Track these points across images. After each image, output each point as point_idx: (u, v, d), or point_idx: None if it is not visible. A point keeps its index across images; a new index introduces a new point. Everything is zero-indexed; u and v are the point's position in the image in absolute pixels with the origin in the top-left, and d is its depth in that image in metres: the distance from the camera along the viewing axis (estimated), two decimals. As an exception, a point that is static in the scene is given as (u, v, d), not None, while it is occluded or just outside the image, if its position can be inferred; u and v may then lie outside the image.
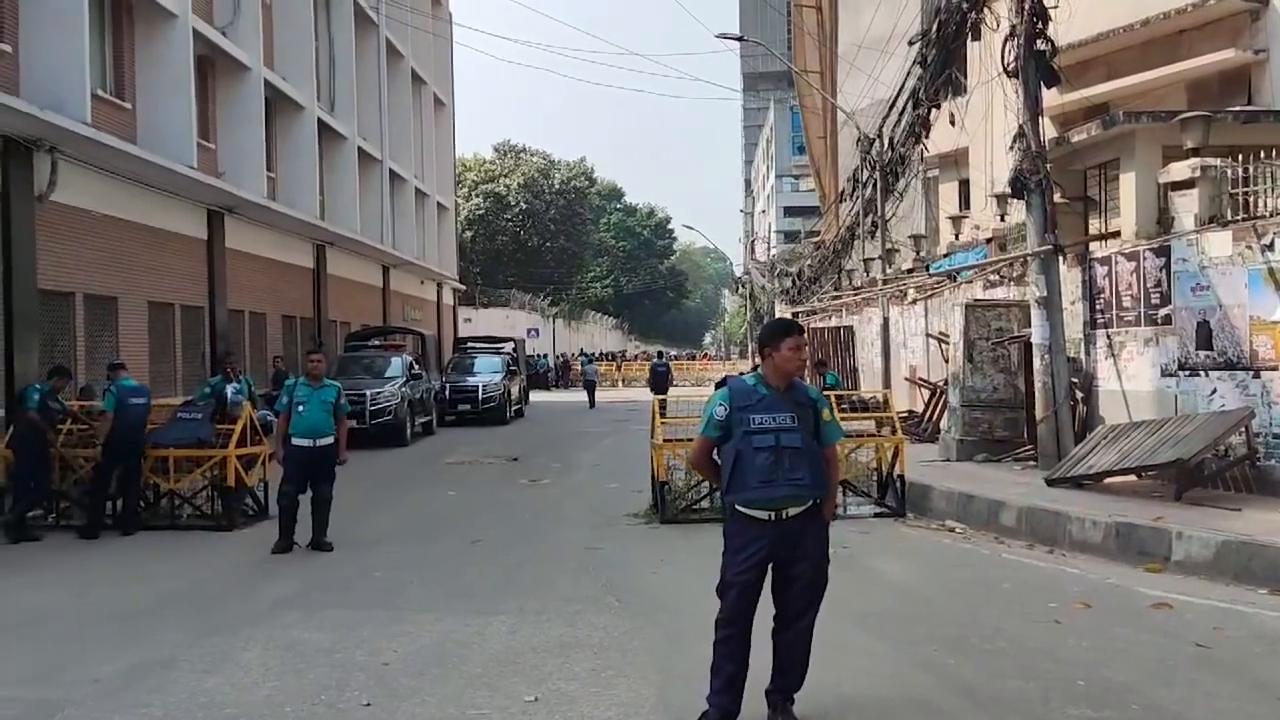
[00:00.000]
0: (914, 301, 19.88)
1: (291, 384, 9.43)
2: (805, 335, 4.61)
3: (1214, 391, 10.40)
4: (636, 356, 76.35)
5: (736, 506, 4.45)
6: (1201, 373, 10.56)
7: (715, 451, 4.56)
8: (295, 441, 9.16)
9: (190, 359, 18.86)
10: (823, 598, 4.57)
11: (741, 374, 4.90)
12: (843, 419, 11.61)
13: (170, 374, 18.04)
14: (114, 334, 16.19)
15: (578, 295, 77.56)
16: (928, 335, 18.14)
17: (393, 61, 32.06)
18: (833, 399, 11.40)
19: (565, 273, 69.81)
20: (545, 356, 49.96)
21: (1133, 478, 10.29)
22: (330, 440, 9.23)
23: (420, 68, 35.05)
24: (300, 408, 9.15)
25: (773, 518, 4.40)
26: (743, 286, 54.30)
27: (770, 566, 4.50)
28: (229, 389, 14.17)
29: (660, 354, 32.71)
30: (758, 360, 4.70)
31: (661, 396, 13.16)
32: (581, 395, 36.34)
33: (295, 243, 24.19)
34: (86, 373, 14.55)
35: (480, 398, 25.34)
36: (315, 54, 24.97)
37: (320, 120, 25.12)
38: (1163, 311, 11.16)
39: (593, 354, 59.11)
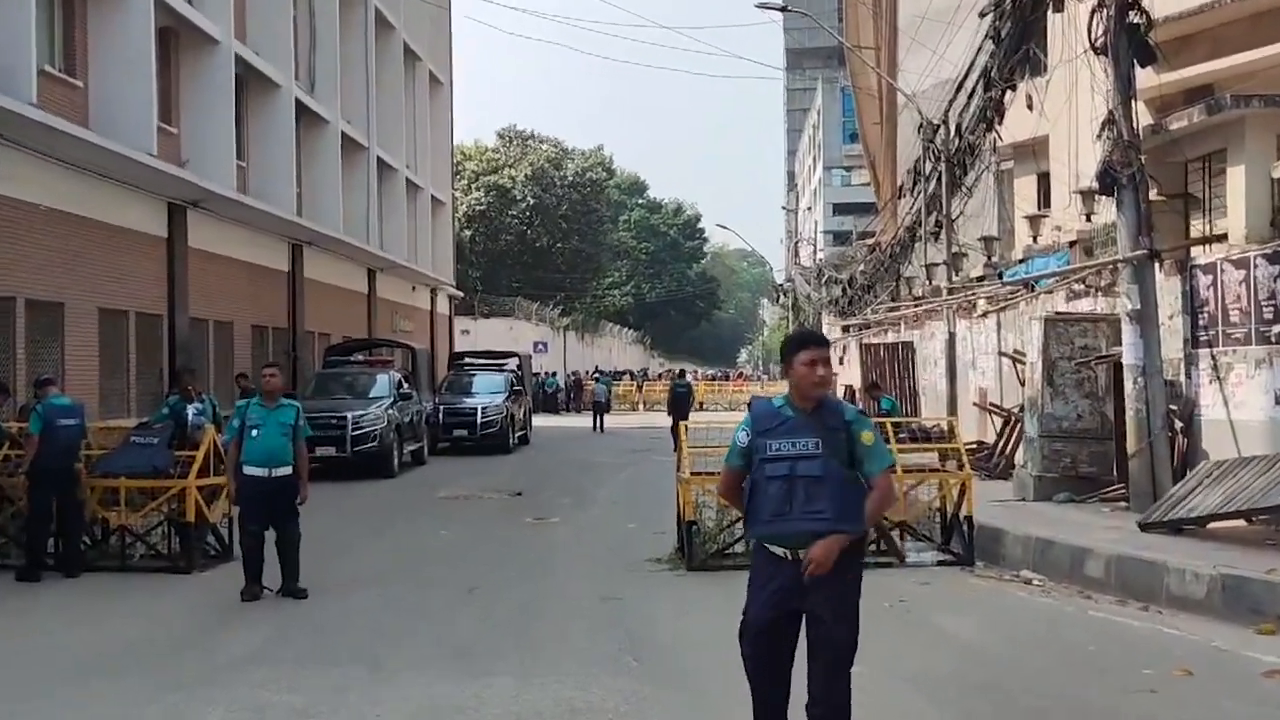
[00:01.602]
0: (984, 314, 19.80)
1: (243, 405, 9.40)
2: (828, 348, 4.56)
3: (1338, 422, 10.33)
4: (660, 375, 76.44)
5: (759, 539, 4.50)
6: (1324, 400, 10.51)
7: (745, 481, 4.61)
8: (248, 471, 9.11)
9: (146, 375, 19.02)
10: (850, 664, 4.39)
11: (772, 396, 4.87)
12: (900, 451, 11.59)
13: (123, 391, 18.18)
14: (59, 345, 16.35)
15: (593, 304, 77.96)
16: (1000, 354, 18.06)
17: (382, 34, 32.35)
18: (888, 426, 11.38)
19: (579, 278, 70.24)
20: (554, 375, 50.14)
21: (1241, 523, 10.18)
22: (289, 470, 9.20)
23: (414, 41, 35.36)
24: (254, 432, 9.10)
25: (789, 556, 4.38)
26: (784, 295, 54.32)
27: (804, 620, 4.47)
28: (189, 410, 14.24)
29: (680, 373, 32.66)
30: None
31: (683, 422, 13.14)
32: (607, 419, 36.43)
33: (268, 242, 24.40)
34: (28, 390, 14.67)
35: (479, 422, 25.45)
36: (293, 25, 25.26)
37: (298, 101, 25.38)
38: (1277, 329, 11.08)
39: (609, 372, 59.42)
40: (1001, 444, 16.30)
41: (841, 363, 43.19)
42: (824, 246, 72.67)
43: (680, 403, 27.38)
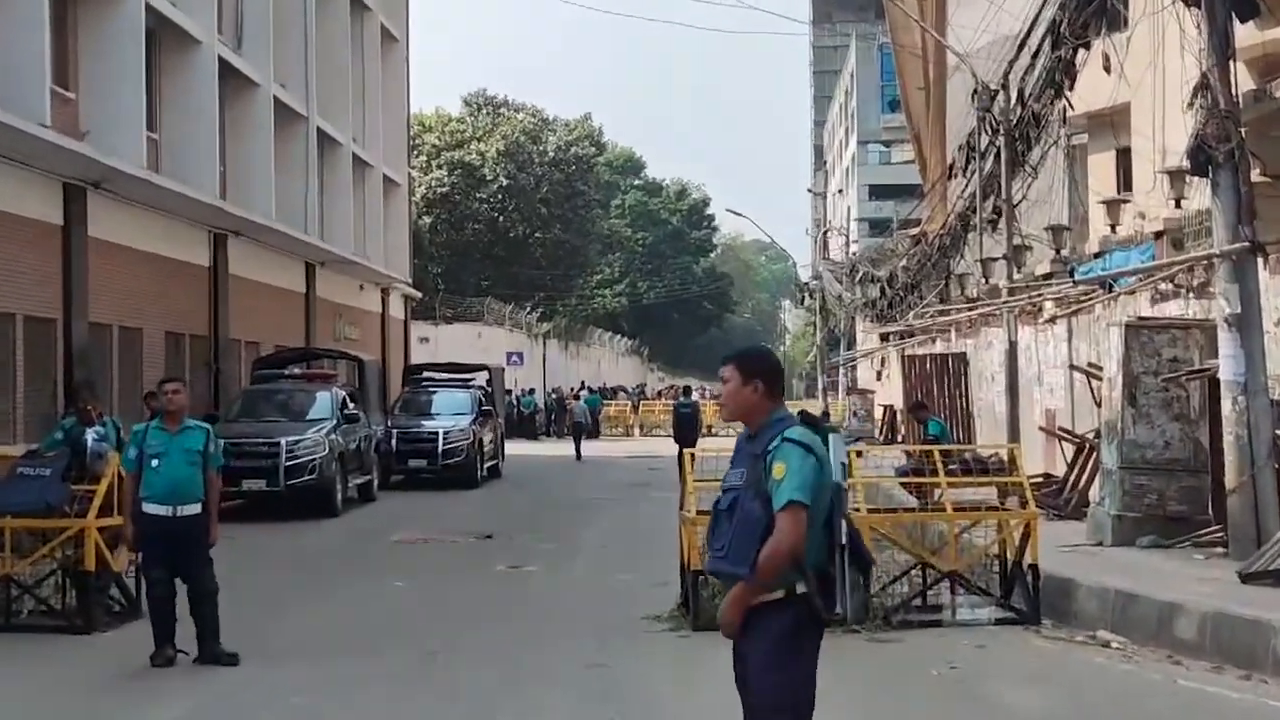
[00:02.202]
0: (1052, 320, 19.84)
1: (141, 429, 9.34)
2: (731, 364, 4.89)
3: None
4: (661, 393, 76.30)
5: None
6: None
7: None
8: (149, 509, 9.08)
9: (36, 392, 18.99)
10: None
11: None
12: (950, 485, 11.61)
13: (7, 412, 18.16)
14: (-68, 357, 16.33)
15: (579, 307, 78.06)
16: (1072, 367, 18.09)
17: (324, -20, 32.44)
18: (936, 456, 11.39)
19: (562, 275, 70.44)
20: (532, 392, 50.20)
21: (1364, 573, 10.21)
22: (198, 508, 9.15)
23: (362, -11, 35.50)
24: (154, 462, 9.07)
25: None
26: (811, 296, 54.43)
27: None
28: (89, 435, 14.20)
29: (686, 390, 32.75)
30: (828, 400, 4.79)
31: (689, 450, 13.12)
32: (588, 447, 36.42)
33: (185, 231, 24.42)
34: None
35: (440, 450, 25.52)
36: (217, -31, 25.31)
37: (222, 60, 25.43)
38: (1406, 337, 11.10)
39: (598, 389, 59.42)
40: (1073, 477, 16.32)
41: (879, 378, 43.38)
42: (858, 237, 72.91)
43: (685, 426, 27.34)
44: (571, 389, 53.70)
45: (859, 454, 12.42)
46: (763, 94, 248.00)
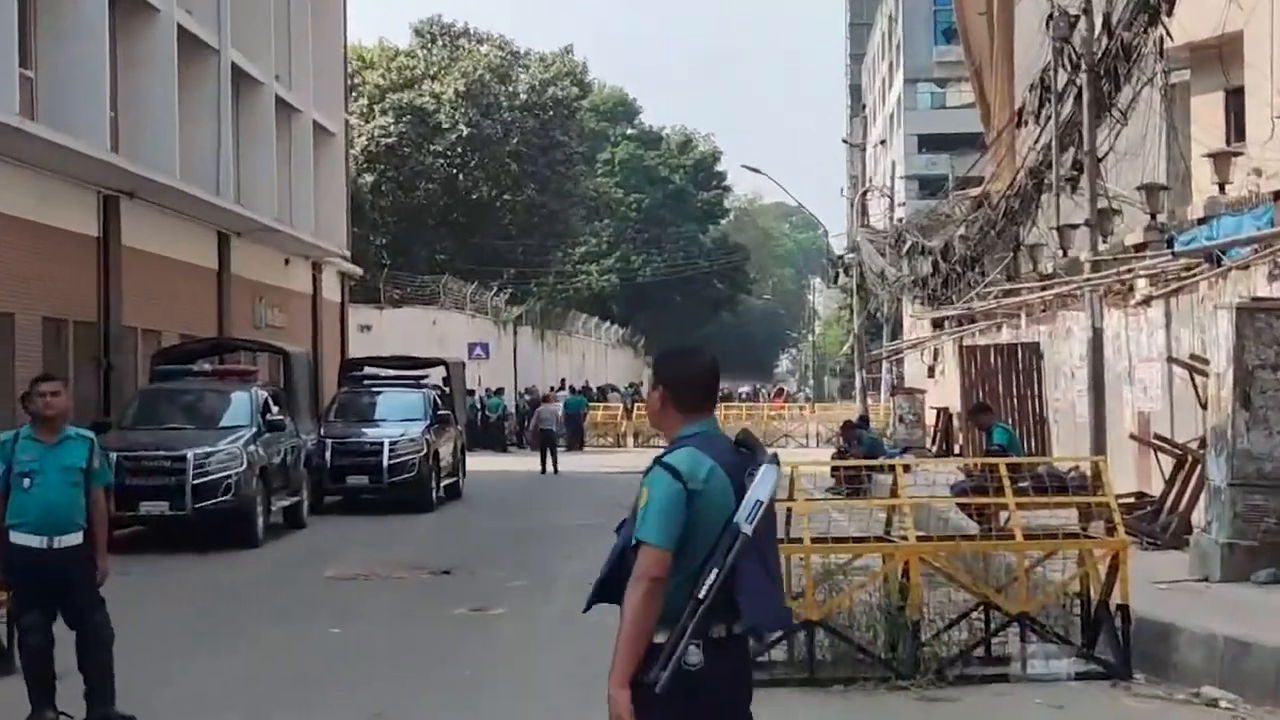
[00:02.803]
0: (1146, 301, 19.85)
1: (8, 439, 9.29)
2: (653, 368, 5.21)
3: None
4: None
5: None
6: None
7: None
8: (18, 539, 9.08)
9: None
10: None
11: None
12: (1019, 507, 11.60)
13: None
14: None
15: (558, 287, 77.89)
16: (1170, 360, 18.09)
17: (240, -121, 32.38)
18: (1002, 471, 11.39)
19: (536, 247, 70.40)
20: (500, 392, 50.21)
21: None
22: (79, 537, 9.14)
23: (287, -110, 35.44)
24: (26, 481, 9.09)
25: None
26: (846, 273, 54.33)
27: None
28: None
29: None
30: (868, 403, 4.85)
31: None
32: (570, 460, 36.40)
33: (67, 192, 24.37)
34: None
35: (385, 464, 25.56)
36: None
37: (113, -20, 25.36)
38: None
39: (583, 388, 59.38)
40: (1172, 497, 16.32)
41: (931, 375, 43.38)
42: (905, 199, 72.81)
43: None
44: (551, 388, 53.78)
45: (906, 469, 12.43)
46: (784, 22, 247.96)
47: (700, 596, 4.71)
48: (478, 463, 34.70)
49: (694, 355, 5.23)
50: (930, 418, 36.05)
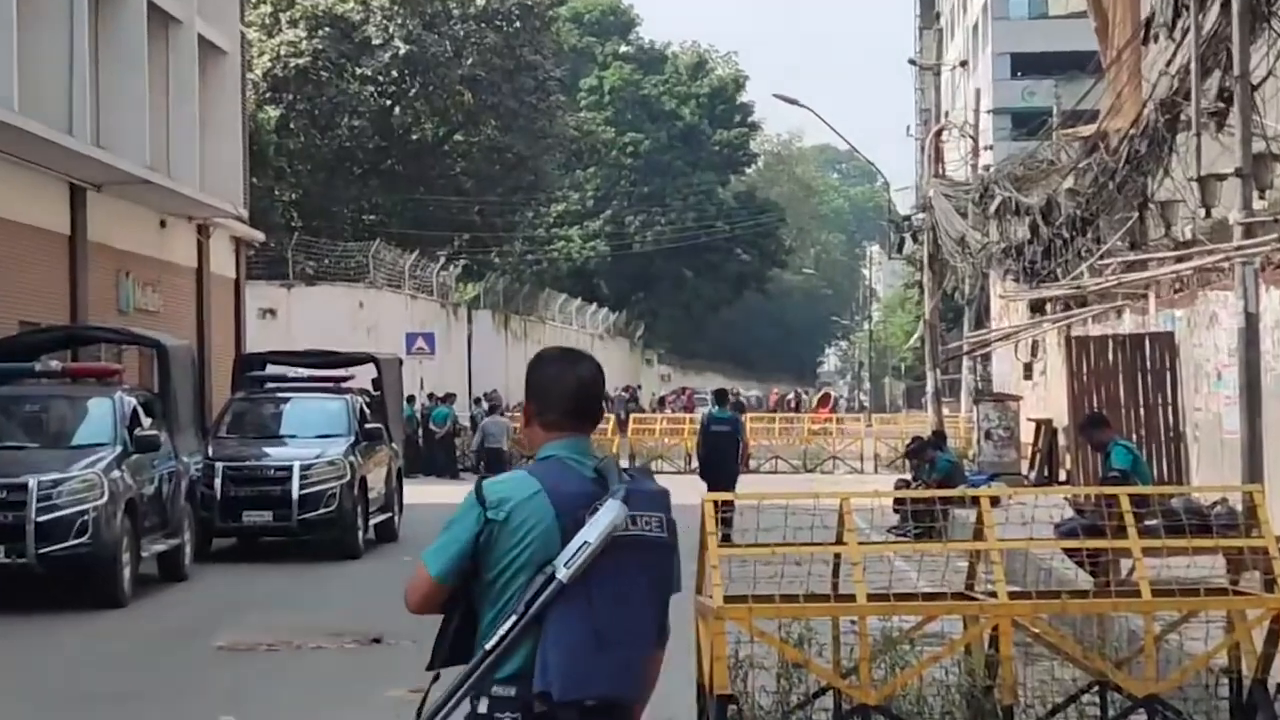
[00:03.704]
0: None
1: None
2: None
3: None
4: (665, 400, 76.08)
5: None
6: None
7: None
8: None
9: None
10: None
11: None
12: (1152, 552, 11.54)
13: None
14: None
15: (528, 258, 77.79)
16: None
17: None
18: (1123, 505, 11.32)
19: (499, 205, 70.19)
20: (449, 399, 50.05)
21: None
22: None
23: None
24: None
25: None
26: (915, 239, 54.22)
27: None
28: None
29: (720, 396, 32.47)
30: (942, 413, 4.82)
31: (723, 496, 13.07)
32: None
33: None
34: None
35: (295, 496, 25.55)
36: None
37: None
38: None
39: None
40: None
41: (1029, 376, 43.32)
42: (993, 141, 72.73)
43: (719, 455, 27.40)
44: (483, 396, 53.60)
45: (995, 502, 12.37)
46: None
47: (488, 647, 5.18)
48: (420, 492, 34.58)
49: (566, 364, 5.66)
50: (1027, 433, 36.01)
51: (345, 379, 30.00)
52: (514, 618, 5.18)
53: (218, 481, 25.33)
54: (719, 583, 10.85)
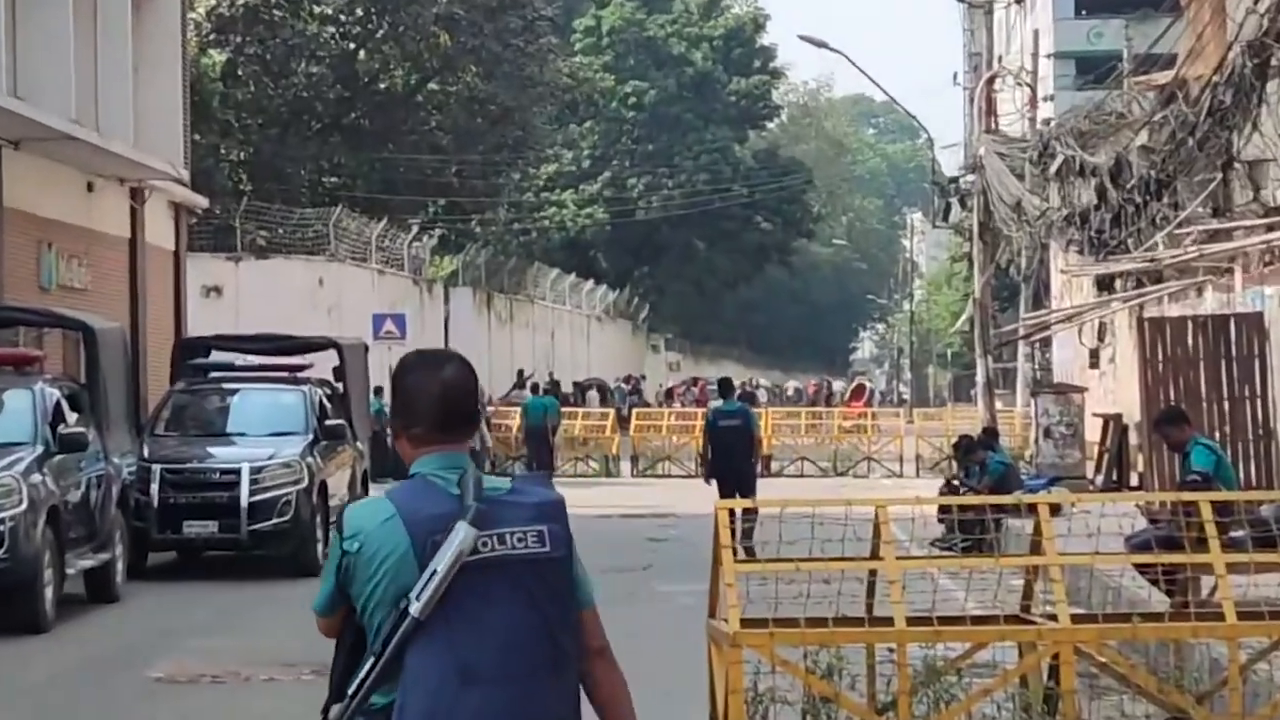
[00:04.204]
0: None
1: None
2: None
3: None
4: (673, 392, 76.05)
5: None
6: None
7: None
8: None
9: None
10: None
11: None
12: (1237, 568, 11.56)
13: None
14: None
15: (513, 228, 77.56)
16: None
17: None
18: (1204, 514, 11.32)
19: (481, 167, 69.99)
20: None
21: None
22: None
23: None
24: None
25: None
26: (964, 205, 54.19)
27: None
28: None
29: (726, 386, 32.42)
30: (994, 407, 4.80)
31: (740, 503, 13.08)
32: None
33: None
34: None
35: (244, 504, 25.55)
36: None
37: None
38: None
39: (549, 385, 59.04)
40: None
41: (1095, 363, 43.24)
42: (1054, 90, 72.65)
43: (729, 455, 27.37)
44: (522, 378, 53.65)
45: (1055, 510, 12.38)
46: None
47: (350, 692, 5.36)
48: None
49: (428, 369, 5.76)
50: (1093, 431, 35.97)
51: (302, 367, 29.97)
52: (371, 660, 5.31)
53: (154, 487, 25.34)
54: (735, 604, 10.85)
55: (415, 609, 5.24)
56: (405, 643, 5.25)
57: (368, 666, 5.31)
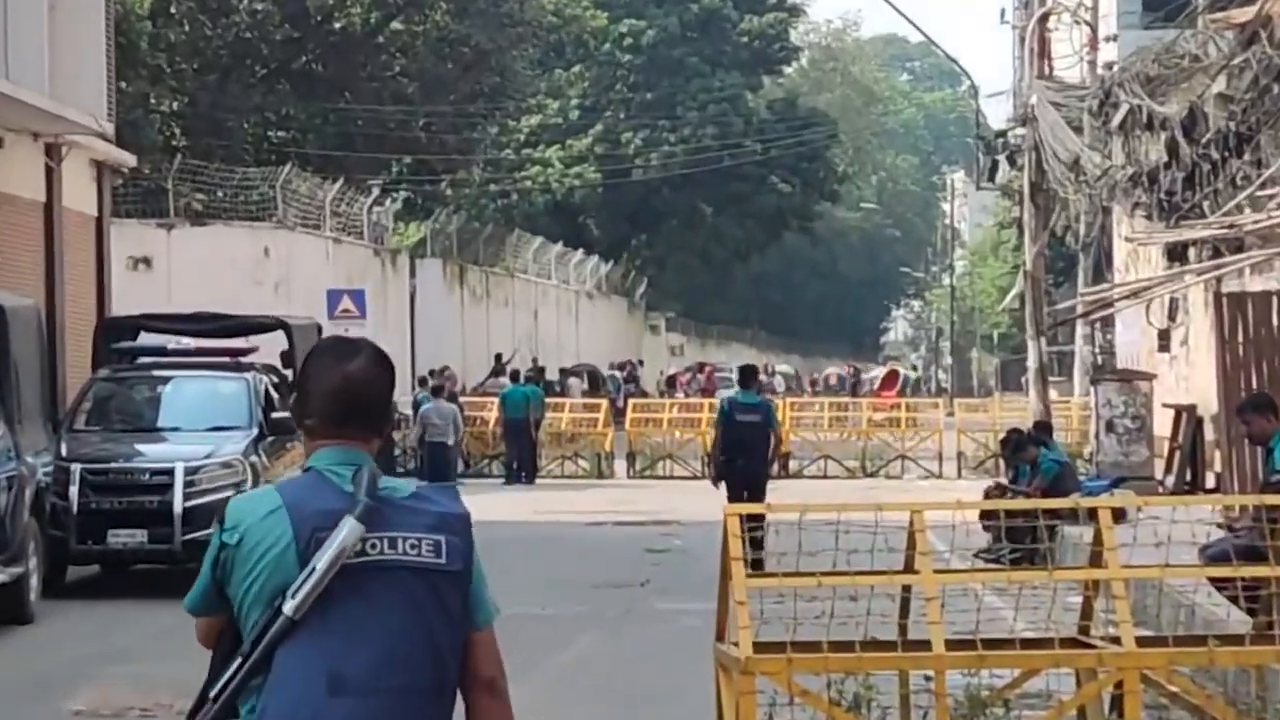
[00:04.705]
0: None
1: None
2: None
3: None
4: (677, 379, 76.14)
5: None
6: None
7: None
8: None
9: None
10: None
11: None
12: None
13: None
14: None
15: (490, 190, 77.55)
16: None
17: None
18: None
19: (452, 119, 69.75)
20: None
21: None
22: None
23: None
24: None
25: None
26: (1013, 163, 54.24)
27: None
28: None
29: (746, 374, 32.50)
30: (1047, 396, 4.78)
31: (753, 506, 13.11)
32: (507, 500, 36.31)
33: None
34: None
35: (177, 509, 25.54)
36: None
37: None
38: None
39: (533, 371, 59.05)
40: None
41: (1166, 347, 43.20)
42: (1117, 29, 72.65)
43: (748, 450, 27.44)
44: (501, 362, 53.63)
45: (1119, 515, 12.39)
46: None
47: (211, 695, 5.50)
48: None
49: (333, 359, 5.95)
50: (1163, 424, 36.00)
51: (245, 351, 29.94)
52: (239, 660, 5.43)
53: (74, 490, 25.27)
54: (747, 625, 10.86)
55: (289, 607, 5.33)
56: (275, 644, 5.36)
57: (233, 668, 5.43)
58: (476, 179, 74.30)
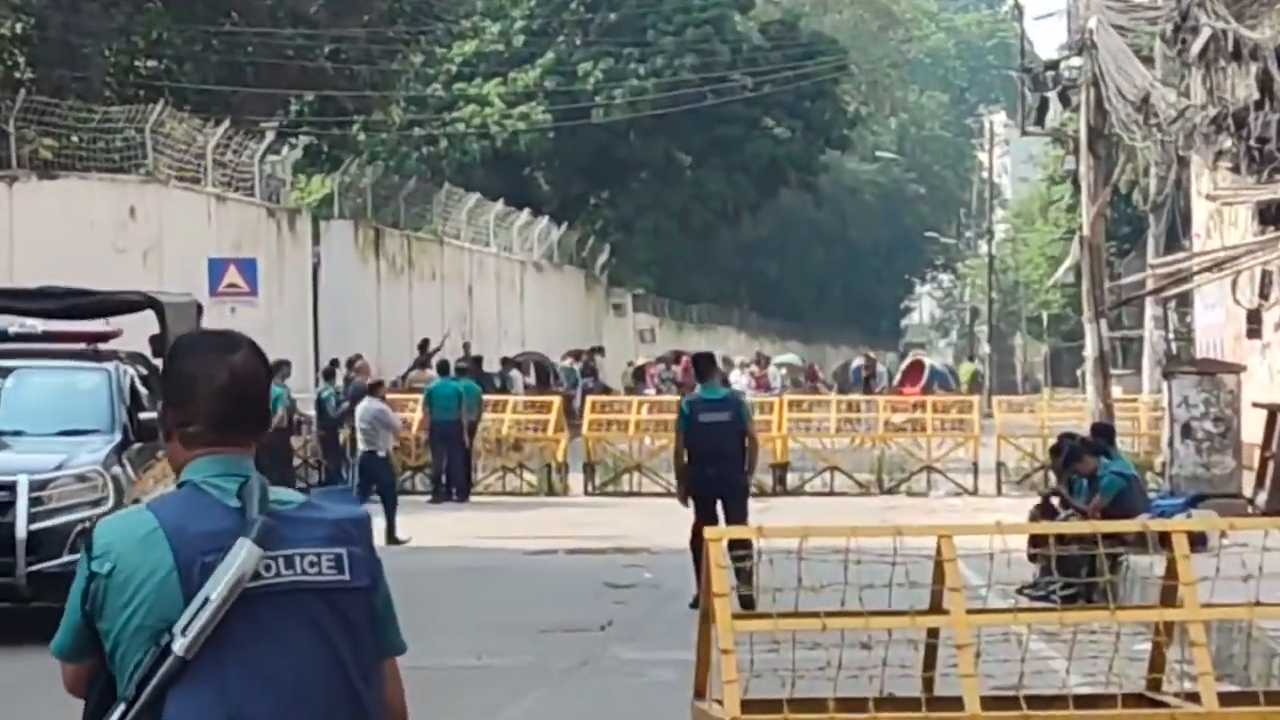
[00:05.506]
0: None
1: None
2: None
3: None
4: (648, 371, 76.49)
5: None
6: None
7: None
8: None
9: None
10: None
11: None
12: None
13: None
14: None
15: (411, 135, 77.85)
16: None
17: None
18: None
19: (364, 47, 69.72)
20: (281, 370, 50.15)
21: None
22: None
23: None
24: None
25: None
26: (1067, 102, 54.52)
27: None
28: None
29: (708, 364, 32.66)
30: (1109, 392, 4.85)
31: (736, 530, 13.20)
32: (438, 522, 36.51)
33: None
34: None
35: (19, 535, 25.32)
36: None
37: None
38: None
39: (465, 362, 59.26)
40: None
41: (1257, 332, 43.33)
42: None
43: (717, 456, 27.67)
44: (350, 364, 53.85)
45: (1198, 540, 12.45)
46: None
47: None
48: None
49: (212, 353, 6.13)
50: (1253, 428, 36.16)
51: (107, 336, 30.00)
52: (121, 708, 5.55)
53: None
54: (733, 678, 10.92)
55: (180, 646, 5.42)
56: (165, 688, 5.45)
57: (119, 712, 5.49)
58: (396, 121, 74.42)
